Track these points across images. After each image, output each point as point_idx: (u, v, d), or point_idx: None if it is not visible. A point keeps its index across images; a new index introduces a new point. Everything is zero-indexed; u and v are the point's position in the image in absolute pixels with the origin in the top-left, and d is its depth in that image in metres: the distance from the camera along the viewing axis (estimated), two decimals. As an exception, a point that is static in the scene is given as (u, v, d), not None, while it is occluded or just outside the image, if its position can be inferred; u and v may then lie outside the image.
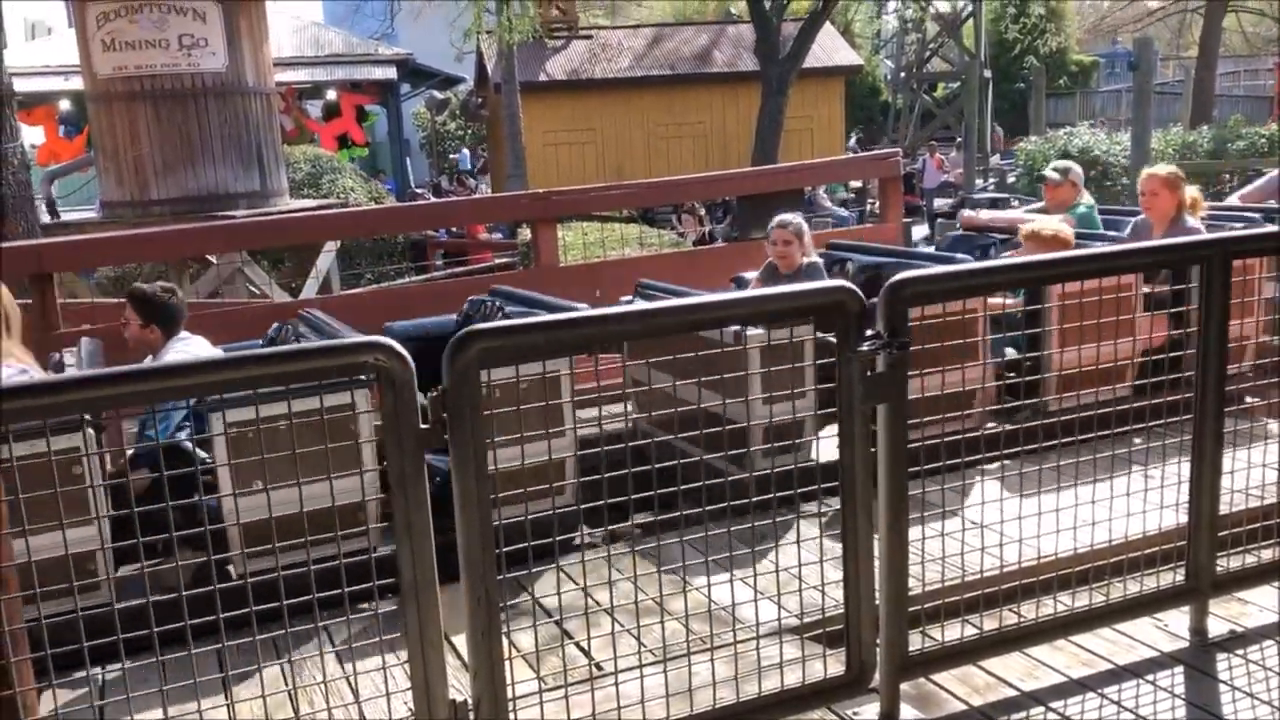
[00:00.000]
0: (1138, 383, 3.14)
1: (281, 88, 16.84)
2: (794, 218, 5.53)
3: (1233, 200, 7.34)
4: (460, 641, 2.60)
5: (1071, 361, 3.19)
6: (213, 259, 10.28)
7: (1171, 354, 3.11)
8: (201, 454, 3.58)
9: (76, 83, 12.97)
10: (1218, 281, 2.94)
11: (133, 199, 11.01)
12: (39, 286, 5.94)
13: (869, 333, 2.58)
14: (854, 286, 2.60)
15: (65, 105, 18.95)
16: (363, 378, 2.25)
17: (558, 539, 2.52)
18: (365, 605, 2.60)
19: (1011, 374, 4.20)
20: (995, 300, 4.35)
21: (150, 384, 2.13)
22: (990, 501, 3.12)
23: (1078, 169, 6.40)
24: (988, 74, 28.23)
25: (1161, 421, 3.12)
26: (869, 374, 2.57)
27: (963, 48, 28.97)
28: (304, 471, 2.25)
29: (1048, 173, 6.34)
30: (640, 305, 2.73)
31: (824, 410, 3.00)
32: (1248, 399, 3.83)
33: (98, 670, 2.95)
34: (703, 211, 17.45)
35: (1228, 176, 15.32)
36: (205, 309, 7.05)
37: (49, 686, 2.25)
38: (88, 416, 3.03)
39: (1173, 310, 3.84)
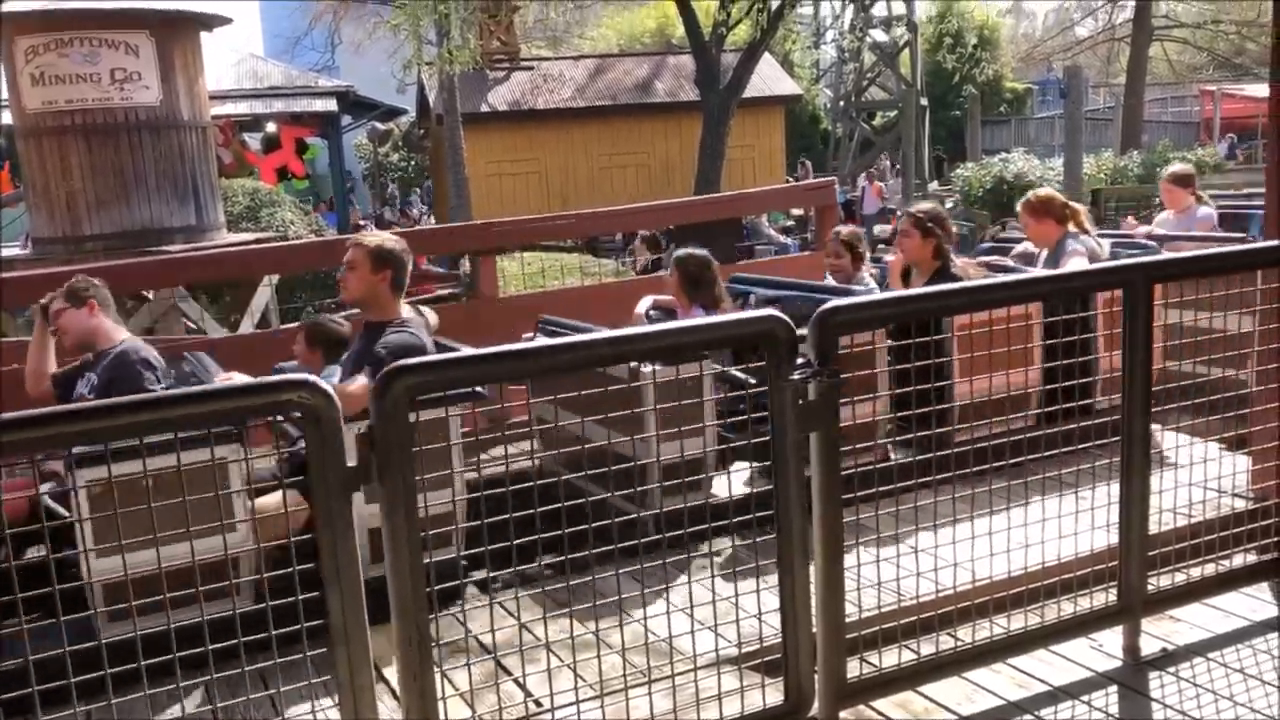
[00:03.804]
0: (1065, 406, 3.18)
1: (220, 120, 16.65)
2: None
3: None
4: (396, 679, 2.55)
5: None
6: (148, 294, 10.10)
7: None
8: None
9: (7, 117, 12.74)
10: (1141, 306, 3.00)
11: (64, 235, 10.80)
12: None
13: (799, 361, 2.59)
14: (784, 315, 2.61)
15: (-2, 140, 18.61)
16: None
17: (491, 575, 2.49)
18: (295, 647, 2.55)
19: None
20: None
21: (64, 427, 2.07)
22: (925, 526, 3.14)
23: None
24: (924, 102, 28.74)
25: (1091, 443, 3.16)
26: (801, 402, 2.57)
27: (900, 77, 29.48)
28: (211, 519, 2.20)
29: None
30: (566, 339, 2.72)
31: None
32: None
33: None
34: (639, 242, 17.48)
35: (1157, 201, 15.68)
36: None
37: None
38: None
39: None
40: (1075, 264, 5.04)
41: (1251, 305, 3.41)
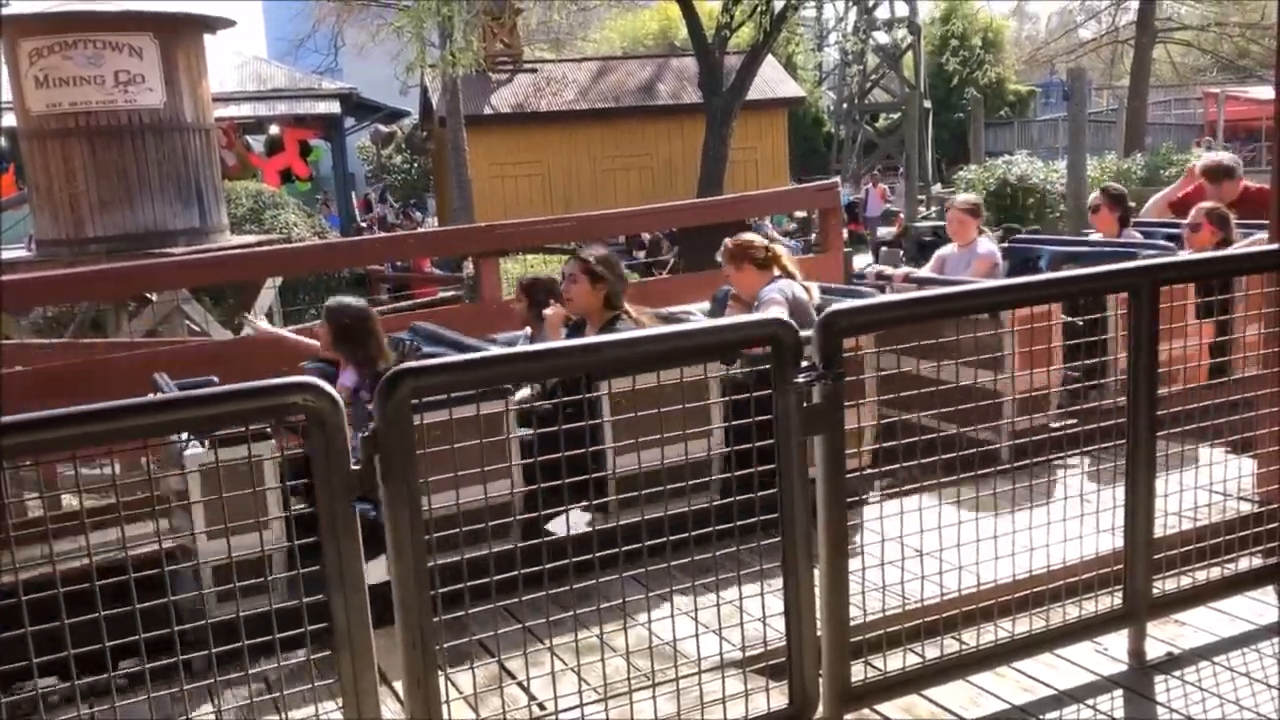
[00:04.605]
0: (1070, 409, 3.17)
1: (223, 123, 16.68)
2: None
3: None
4: (400, 683, 2.55)
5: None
6: (151, 297, 10.12)
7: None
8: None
9: (10, 119, 12.77)
10: (1146, 309, 2.99)
11: (68, 237, 10.83)
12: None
13: (804, 365, 2.58)
14: (788, 319, 2.61)
15: (2, 142, 18.66)
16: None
17: (494, 579, 2.49)
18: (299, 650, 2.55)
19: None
20: None
21: (58, 431, 2.06)
22: (930, 529, 3.13)
23: None
24: (928, 104, 28.75)
25: (1095, 447, 3.16)
26: (805, 405, 2.57)
27: (903, 79, 29.48)
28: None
29: None
30: (582, 340, 2.72)
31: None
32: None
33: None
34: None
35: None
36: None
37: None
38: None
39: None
40: (774, 313, 4.46)
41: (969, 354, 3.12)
